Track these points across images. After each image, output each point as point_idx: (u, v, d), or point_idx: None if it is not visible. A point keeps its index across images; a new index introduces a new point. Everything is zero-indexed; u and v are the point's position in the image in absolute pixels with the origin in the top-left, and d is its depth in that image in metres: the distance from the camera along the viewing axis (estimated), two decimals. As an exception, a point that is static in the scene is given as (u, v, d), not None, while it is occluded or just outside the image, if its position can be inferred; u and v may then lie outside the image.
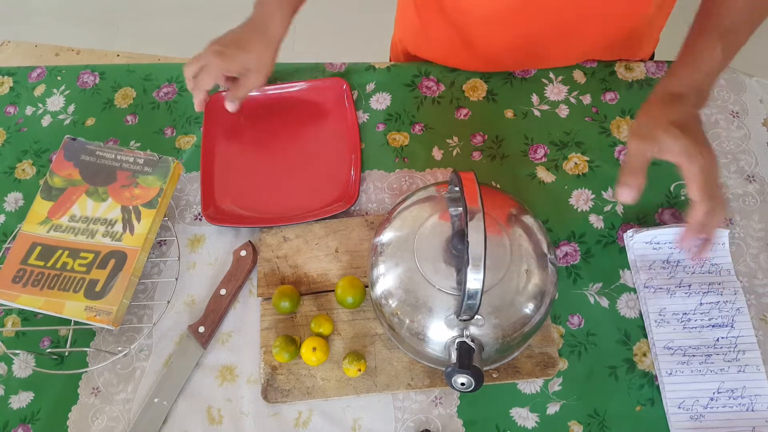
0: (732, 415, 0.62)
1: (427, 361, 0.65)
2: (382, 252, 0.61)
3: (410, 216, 0.62)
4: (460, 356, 0.54)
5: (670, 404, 0.63)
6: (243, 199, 0.77)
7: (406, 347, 0.64)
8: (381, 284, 0.61)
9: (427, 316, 0.58)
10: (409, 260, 0.58)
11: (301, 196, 0.77)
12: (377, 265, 0.61)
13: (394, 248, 0.61)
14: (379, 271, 0.61)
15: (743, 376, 0.64)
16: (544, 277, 0.59)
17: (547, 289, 0.59)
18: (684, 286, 0.68)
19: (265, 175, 0.79)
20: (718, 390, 0.63)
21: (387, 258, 0.61)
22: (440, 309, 0.57)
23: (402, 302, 0.59)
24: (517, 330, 0.58)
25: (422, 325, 0.58)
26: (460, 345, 0.55)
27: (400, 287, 0.59)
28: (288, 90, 0.84)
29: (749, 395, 0.63)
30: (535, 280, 0.58)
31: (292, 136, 0.82)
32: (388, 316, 0.61)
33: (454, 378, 0.54)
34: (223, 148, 0.81)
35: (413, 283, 0.58)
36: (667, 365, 0.65)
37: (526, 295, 0.58)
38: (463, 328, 0.56)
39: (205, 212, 0.75)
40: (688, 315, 0.67)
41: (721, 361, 0.65)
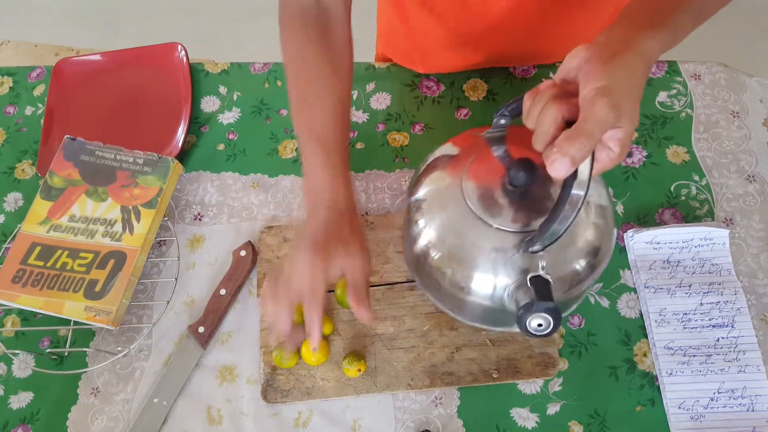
0: (732, 415, 0.62)
1: (479, 321, 0.59)
2: (422, 205, 0.56)
3: (450, 162, 0.57)
4: (538, 292, 0.48)
5: (671, 404, 0.63)
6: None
7: (455, 306, 0.58)
8: (424, 238, 0.55)
9: (484, 260, 0.52)
10: (458, 203, 0.53)
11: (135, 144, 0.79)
12: (416, 221, 0.56)
13: (438, 196, 0.55)
14: (420, 226, 0.55)
15: (744, 376, 0.64)
16: (604, 211, 0.54)
17: (609, 222, 0.55)
18: (684, 286, 0.68)
19: (105, 131, 0.83)
20: (719, 390, 0.63)
21: (430, 208, 0.55)
22: (500, 249, 0.51)
23: (452, 251, 0.53)
24: (584, 265, 0.53)
25: (477, 271, 0.52)
26: (534, 280, 0.49)
27: (450, 234, 0.53)
28: (124, 56, 0.88)
29: (749, 395, 0.63)
30: (599, 212, 0.54)
31: (128, 95, 0.86)
32: (435, 272, 0.55)
33: (528, 319, 0.48)
34: (66, 113, 0.85)
35: (465, 226, 0.52)
36: (667, 365, 0.65)
37: (589, 227, 0.53)
38: (532, 263, 0.50)
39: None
40: (689, 315, 0.67)
41: (721, 361, 0.65)
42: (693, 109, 0.80)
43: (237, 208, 0.78)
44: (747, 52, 1.79)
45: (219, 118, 0.84)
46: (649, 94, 0.81)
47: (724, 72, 0.82)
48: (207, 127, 0.83)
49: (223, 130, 0.83)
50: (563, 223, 0.46)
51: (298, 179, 0.79)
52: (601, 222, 0.54)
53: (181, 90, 0.84)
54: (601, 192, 0.55)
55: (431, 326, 0.68)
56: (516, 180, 0.51)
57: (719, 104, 0.80)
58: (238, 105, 0.85)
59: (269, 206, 0.77)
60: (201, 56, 1.00)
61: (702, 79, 0.82)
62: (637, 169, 0.76)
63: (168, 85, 0.85)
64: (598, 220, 0.54)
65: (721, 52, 1.77)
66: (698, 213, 0.73)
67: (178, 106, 0.83)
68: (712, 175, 0.75)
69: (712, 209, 0.73)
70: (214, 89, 0.86)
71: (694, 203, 0.74)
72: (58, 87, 0.86)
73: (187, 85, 0.84)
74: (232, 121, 0.83)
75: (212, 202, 0.78)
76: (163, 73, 0.86)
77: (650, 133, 0.78)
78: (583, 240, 0.53)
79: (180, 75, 0.85)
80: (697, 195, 0.74)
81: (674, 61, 0.83)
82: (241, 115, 0.84)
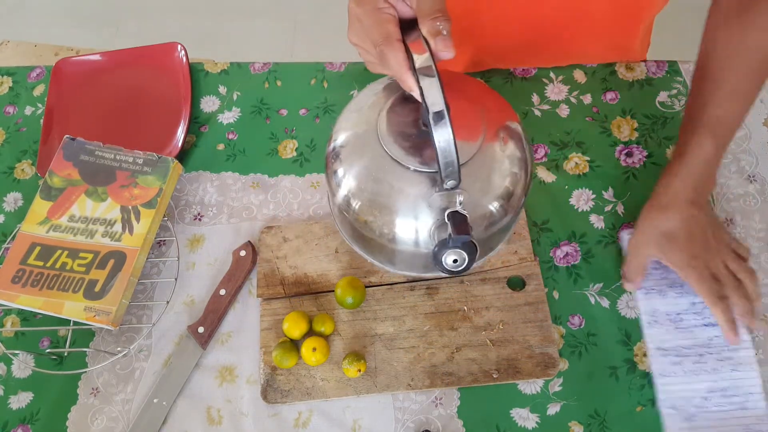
0: (725, 414, 0.62)
1: (408, 269, 0.59)
2: (340, 153, 0.55)
3: (366, 107, 0.56)
4: (455, 227, 0.48)
5: (664, 405, 0.63)
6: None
7: (382, 256, 0.58)
8: (344, 188, 0.54)
9: (405, 204, 0.52)
10: (374, 148, 0.52)
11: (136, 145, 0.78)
12: (336, 171, 0.55)
13: (355, 143, 0.54)
14: (340, 175, 0.54)
15: (736, 374, 0.64)
16: (521, 145, 0.55)
17: (526, 157, 0.55)
18: (676, 286, 0.68)
19: (105, 131, 0.83)
20: (711, 389, 0.63)
21: (347, 156, 0.54)
22: (419, 191, 0.51)
23: (372, 198, 0.53)
24: (504, 202, 0.53)
25: (399, 216, 0.52)
26: (452, 216, 0.49)
27: (369, 181, 0.53)
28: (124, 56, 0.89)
29: (742, 393, 0.63)
30: (513, 147, 0.54)
31: (128, 95, 0.86)
32: (357, 223, 0.54)
33: (444, 256, 0.49)
34: (65, 113, 0.85)
35: (383, 171, 0.52)
36: (659, 366, 0.65)
37: (507, 162, 0.54)
38: (450, 199, 0.50)
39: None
40: (681, 315, 0.67)
41: (714, 360, 0.64)
42: (693, 109, 0.79)
43: (237, 208, 0.77)
44: (747, 51, 1.78)
45: (219, 117, 0.84)
46: (649, 94, 0.81)
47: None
48: (207, 127, 0.83)
49: (222, 130, 0.83)
50: (447, 148, 0.46)
51: (297, 179, 0.79)
52: (516, 169, 0.54)
53: (180, 90, 0.84)
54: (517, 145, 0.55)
55: (431, 326, 0.68)
56: (425, 119, 0.50)
57: (720, 104, 0.80)
58: (238, 105, 0.85)
59: (269, 206, 0.77)
60: (201, 56, 1.00)
61: (702, 79, 0.81)
62: (637, 169, 0.76)
63: (168, 85, 0.85)
64: (513, 168, 0.54)
65: (721, 51, 1.76)
66: (699, 213, 0.73)
67: (177, 106, 0.83)
68: (713, 175, 0.75)
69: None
70: (213, 89, 0.86)
71: (695, 203, 0.74)
72: (57, 87, 0.86)
73: (187, 85, 0.84)
74: (232, 121, 0.83)
75: (212, 202, 0.78)
76: (162, 72, 0.86)
77: (650, 133, 0.78)
78: (498, 182, 0.53)
79: (180, 75, 0.85)
80: (697, 195, 0.74)
81: (674, 61, 0.83)
82: (241, 115, 0.84)
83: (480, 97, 0.56)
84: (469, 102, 0.54)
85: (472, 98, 0.55)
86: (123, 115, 0.85)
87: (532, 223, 0.74)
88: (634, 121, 0.79)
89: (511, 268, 0.70)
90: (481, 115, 0.53)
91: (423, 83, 0.46)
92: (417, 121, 0.52)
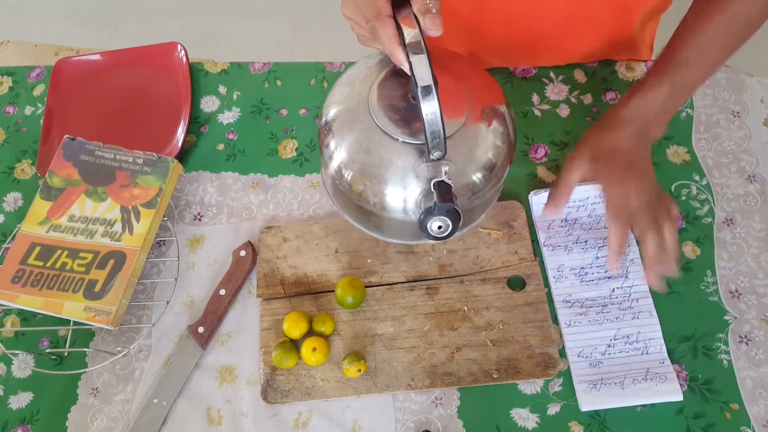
0: (628, 359, 0.65)
1: (397, 236, 0.62)
2: (332, 125, 0.57)
3: (358, 80, 0.58)
4: (440, 195, 0.51)
5: (571, 353, 0.66)
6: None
7: (372, 225, 0.61)
8: (336, 159, 0.56)
9: (394, 173, 0.54)
10: (365, 120, 0.55)
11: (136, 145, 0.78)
12: (328, 143, 0.57)
13: (346, 115, 0.57)
14: (332, 146, 0.57)
15: (637, 322, 0.67)
16: (504, 120, 0.57)
17: (509, 132, 0.58)
18: (581, 242, 0.71)
19: (105, 131, 0.83)
20: (615, 337, 0.66)
21: (339, 128, 0.57)
22: (407, 162, 0.53)
23: (363, 168, 0.55)
24: (487, 173, 0.56)
25: (388, 185, 0.54)
26: (437, 185, 0.51)
27: (360, 152, 0.55)
28: (124, 55, 0.89)
29: (643, 339, 0.66)
30: (497, 123, 0.57)
31: (128, 95, 0.86)
32: (349, 192, 0.57)
33: (430, 222, 0.52)
34: (65, 112, 0.85)
35: (373, 142, 0.54)
36: (566, 317, 0.68)
37: (491, 135, 0.56)
38: (436, 170, 0.52)
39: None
40: (585, 269, 0.70)
41: (616, 310, 0.68)
42: (693, 109, 0.79)
43: (237, 208, 0.77)
44: (747, 52, 1.79)
45: (219, 117, 0.84)
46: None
47: (725, 72, 0.82)
48: (207, 126, 0.83)
49: (222, 130, 0.83)
50: (434, 120, 0.49)
51: (297, 179, 0.79)
52: (499, 142, 0.57)
53: (180, 90, 0.84)
54: (500, 120, 0.57)
55: (431, 326, 0.68)
56: (416, 92, 0.52)
57: (720, 104, 0.80)
58: (238, 105, 0.84)
59: (269, 206, 0.77)
60: (201, 56, 1.00)
61: (702, 79, 0.81)
62: (637, 169, 0.76)
63: (168, 85, 0.85)
64: (496, 141, 0.57)
65: (721, 51, 1.76)
66: (699, 213, 0.73)
67: (177, 106, 0.83)
68: (713, 175, 0.75)
69: (712, 209, 0.73)
70: (213, 89, 0.86)
71: (695, 203, 0.74)
72: (57, 87, 0.86)
73: (187, 85, 0.84)
74: (232, 121, 0.83)
75: (212, 202, 0.78)
76: (162, 72, 0.86)
77: (651, 133, 0.78)
78: (480, 155, 0.56)
79: (180, 75, 0.85)
80: (697, 195, 0.74)
81: (675, 61, 0.83)
82: (241, 115, 0.84)
83: (467, 74, 0.59)
84: (456, 78, 0.57)
85: (459, 74, 0.58)
86: (123, 115, 0.85)
87: (532, 222, 0.73)
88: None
89: (511, 268, 0.70)
90: (466, 91, 0.56)
91: (412, 59, 0.49)
92: (407, 95, 0.55)
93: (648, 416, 0.64)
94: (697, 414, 0.63)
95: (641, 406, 0.64)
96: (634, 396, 0.63)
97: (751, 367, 0.65)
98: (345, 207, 0.62)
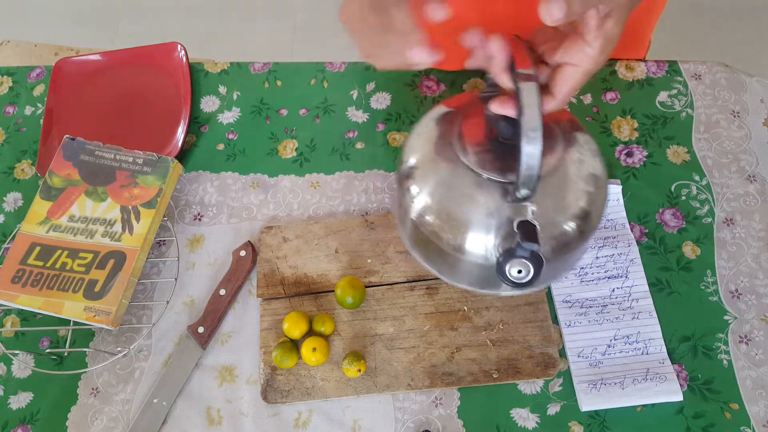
0: (628, 359, 0.65)
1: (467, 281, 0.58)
2: (416, 165, 0.56)
3: (441, 124, 0.58)
4: (524, 235, 0.48)
5: (571, 353, 0.66)
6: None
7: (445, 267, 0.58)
8: (419, 201, 0.55)
9: (474, 211, 0.52)
10: (451, 159, 0.53)
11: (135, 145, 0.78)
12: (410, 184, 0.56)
13: (432, 154, 0.56)
14: (414, 191, 0.55)
15: (637, 322, 0.67)
16: (596, 166, 0.55)
17: (602, 177, 0.55)
18: None
19: (104, 131, 0.83)
20: (615, 337, 0.66)
21: (423, 166, 0.56)
22: (492, 200, 0.51)
23: (446, 206, 0.54)
24: (578, 223, 0.53)
25: (467, 224, 0.52)
26: (521, 225, 0.49)
27: (444, 189, 0.54)
28: (123, 55, 0.88)
29: (643, 340, 0.66)
30: (589, 168, 0.54)
31: (128, 95, 0.86)
32: (425, 229, 0.55)
33: (508, 266, 0.48)
34: (65, 112, 0.85)
35: (459, 181, 0.53)
36: (566, 317, 0.68)
37: (582, 182, 0.54)
38: (521, 210, 0.50)
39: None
40: (585, 269, 0.70)
41: (616, 310, 0.68)
42: (693, 109, 0.79)
43: (237, 208, 0.77)
44: (747, 52, 1.79)
45: (219, 117, 0.84)
46: (649, 93, 0.81)
47: (725, 72, 0.82)
48: (207, 126, 0.83)
49: (222, 130, 0.83)
50: (532, 159, 0.46)
51: (297, 179, 0.79)
52: (592, 189, 0.54)
53: (180, 90, 0.84)
54: (595, 163, 0.56)
55: (431, 326, 0.68)
56: (504, 132, 0.52)
57: (720, 104, 0.80)
58: (238, 105, 0.85)
59: (269, 206, 0.77)
60: (200, 56, 1.00)
61: (702, 79, 0.81)
62: (637, 168, 0.76)
63: (167, 85, 0.85)
64: (588, 187, 0.54)
65: (721, 51, 1.77)
66: (699, 213, 0.73)
67: (177, 106, 0.83)
68: (713, 175, 0.75)
69: (712, 209, 0.73)
70: (213, 89, 0.86)
71: (695, 203, 0.74)
72: (57, 87, 0.86)
73: (187, 85, 0.84)
74: (232, 121, 0.83)
75: (212, 202, 0.78)
76: (162, 72, 0.86)
77: (651, 133, 0.78)
78: (573, 201, 0.53)
79: (180, 75, 0.85)
80: (697, 195, 0.74)
81: (675, 61, 0.83)
82: (241, 115, 0.84)
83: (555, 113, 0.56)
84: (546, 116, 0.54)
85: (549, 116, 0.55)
86: (123, 115, 0.85)
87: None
88: (634, 121, 0.79)
89: (511, 268, 0.70)
90: (558, 130, 0.54)
91: (521, 86, 0.47)
92: (493, 134, 0.54)
93: (648, 416, 0.64)
94: (697, 414, 0.63)
95: (641, 406, 0.64)
96: (634, 396, 0.63)
97: (751, 367, 0.65)
98: (415, 243, 0.59)
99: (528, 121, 0.46)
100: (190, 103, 0.82)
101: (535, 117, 0.46)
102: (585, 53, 0.48)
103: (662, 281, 0.70)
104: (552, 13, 0.43)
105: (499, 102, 0.50)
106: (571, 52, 0.48)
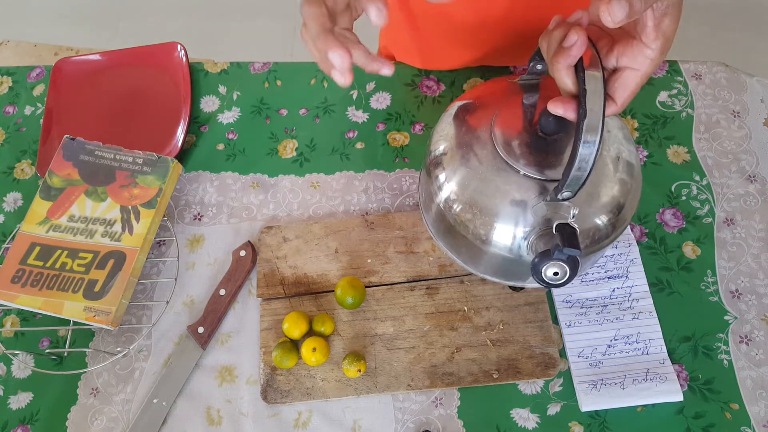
0: (628, 359, 0.65)
1: (492, 272, 0.58)
2: (447, 151, 0.55)
3: (474, 111, 0.56)
4: (565, 239, 0.47)
5: (571, 354, 0.66)
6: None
7: (470, 256, 0.58)
8: (447, 185, 0.54)
9: (510, 206, 0.51)
10: (486, 149, 0.52)
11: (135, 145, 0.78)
12: (440, 169, 0.55)
13: (465, 142, 0.54)
14: (445, 172, 0.54)
15: (637, 322, 0.67)
16: (632, 152, 0.54)
17: (636, 165, 0.54)
18: None
19: (104, 131, 0.83)
20: (615, 337, 0.66)
21: (454, 154, 0.54)
22: (526, 195, 0.51)
23: (477, 198, 0.52)
24: (608, 217, 0.52)
25: (499, 218, 0.52)
26: (561, 227, 0.48)
27: (476, 180, 0.53)
28: (124, 55, 0.88)
29: (643, 340, 0.66)
30: (626, 168, 0.53)
31: (128, 95, 0.86)
32: (454, 219, 0.54)
33: (545, 267, 0.48)
34: (65, 112, 0.85)
35: (493, 172, 0.52)
36: (566, 317, 0.68)
37: (617, 182, 0.53)
38: (560, 211, 0.49)
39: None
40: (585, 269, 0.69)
41: (616, 310, 0.68)
42: (694, 109, 0.79)
43: (236, 208, 0.77)
44: (747, 51, 1.79)
45: (218, 117, 0.84)
46: (649, 93, 0.81)
47: (725, 72, 0.82)
48: (206, 126, 0.83)
49: (222, 130, 0.83)
50: (585, 164, 0.45)
51: (297, 179, 0.79)
52: (628, 178, 0.54)
53: (180, 90, 0.84)
54: (630, 150, 0.55)
55: (431, 326, 0.68)
56: (546, 127, 0.50)
57: (720, 104, 0.80)
58: (238, 105, 0.84)
59: (269, 206, 0.77)
60: (201, 56, 1.00)
61: (703, 79, 0.81)
62: (637, 169, 0.76)
63: (167, 85, 0.85)
64: (625, 176, 0.53)
65: (721, 51, 1.77)
66: (699, 213, 0.73)
67: (177, 106, 0.83)
68: (713, 175, 0.75)
69: (712, 209, 0.73)
70: (213, 89, 0.86)
71: (695, 203, 0.74)
72: (57, 87, 0.86)
73: (187, 85, 0.84)
74: (232, 121, 0.83)
75: (212, 202, 0.78)
76: (162, 72, 0.86)
77: (651, 133, 0.78)
78: (608, 195, 0.52)
79: (179, 75, 0.85)
80: (697, 195, 0.74)
81: (675, 61, 0.83)
82: (241, 115, 0.84)
83: None
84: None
85: None
86: (123, 115, 0.85)
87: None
88: (634, 121, 0.79)
89: (511, 268, 0.70)
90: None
91: (590, 90, 0.44)
92: (532, 127, 0.52)
93: (648, 416, 0.64)
94: (697, 414, 0.63)
95: (641, 407, 0.64)
96: (634, 396, 0.63)
97: (752, 367, 0.65)
98: (442, 232, 0.58)
99: (589, 125, 0.44)
100: (190, 103, 0.82)
101: (597, 121, 0.44)
102: (645, 56, 0.46)
103: (662, 281, 0.70)
104: (615, 14, 0.41)
105: (560, 103, 0.46)
106: (630, 56, 0.46)
